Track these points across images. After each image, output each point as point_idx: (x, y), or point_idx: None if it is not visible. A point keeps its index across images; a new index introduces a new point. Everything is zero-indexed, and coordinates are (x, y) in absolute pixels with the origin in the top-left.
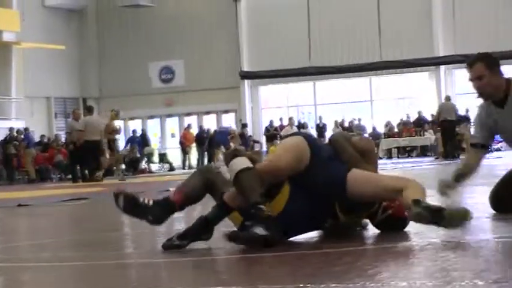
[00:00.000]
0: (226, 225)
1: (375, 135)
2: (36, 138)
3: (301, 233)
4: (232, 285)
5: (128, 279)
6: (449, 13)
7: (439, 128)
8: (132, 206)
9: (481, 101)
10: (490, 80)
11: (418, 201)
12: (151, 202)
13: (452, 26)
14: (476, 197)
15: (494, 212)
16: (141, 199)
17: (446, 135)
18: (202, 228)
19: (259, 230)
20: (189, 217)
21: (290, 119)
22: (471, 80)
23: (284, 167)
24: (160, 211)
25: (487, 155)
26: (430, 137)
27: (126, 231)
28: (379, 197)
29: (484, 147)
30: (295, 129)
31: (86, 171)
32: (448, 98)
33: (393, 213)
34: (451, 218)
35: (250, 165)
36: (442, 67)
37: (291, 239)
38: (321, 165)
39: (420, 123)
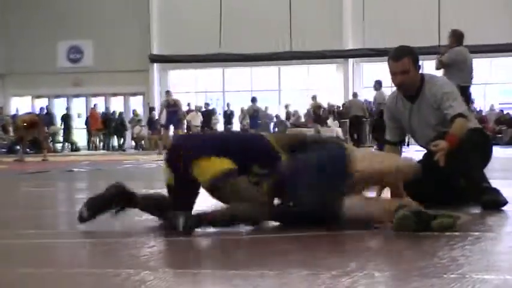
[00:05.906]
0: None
1: (282, 124)
2: None
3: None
4: (168, 267)
5: (23, 260)
6: (359, 6)
7: (343, 121)
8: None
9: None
10: (412, 75)
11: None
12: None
13: (361, 20)
14: None
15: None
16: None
17: (354, 129)
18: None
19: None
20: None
21: (206, 104)
22: (395, 73)
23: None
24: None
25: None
26: (336, 128)
27: (26, 211)
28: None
29: (397, 143)
30: (199, 115)
31: None
32: (355, 95)
33: None
34: (439, 228)
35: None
36: (351, 60)
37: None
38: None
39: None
